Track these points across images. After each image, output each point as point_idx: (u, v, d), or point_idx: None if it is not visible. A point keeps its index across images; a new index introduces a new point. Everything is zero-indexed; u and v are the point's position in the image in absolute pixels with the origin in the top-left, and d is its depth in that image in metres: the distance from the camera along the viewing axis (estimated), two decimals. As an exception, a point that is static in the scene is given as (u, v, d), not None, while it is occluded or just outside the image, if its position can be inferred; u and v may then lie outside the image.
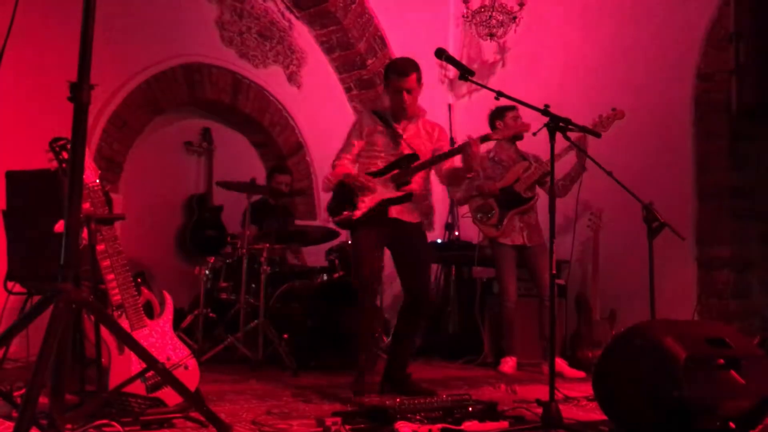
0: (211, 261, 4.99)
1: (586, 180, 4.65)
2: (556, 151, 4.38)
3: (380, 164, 3.67)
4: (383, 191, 3.61)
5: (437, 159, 3.64)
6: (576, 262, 5.46)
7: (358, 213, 3.59)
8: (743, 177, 5.00)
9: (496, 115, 4.87)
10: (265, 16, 6.10)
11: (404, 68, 3.65)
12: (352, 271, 3.77)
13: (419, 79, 3.67)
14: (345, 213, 3.62)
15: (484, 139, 3.61)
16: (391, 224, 3.62)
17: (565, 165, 4.68)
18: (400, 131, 3.69)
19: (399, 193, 3.62)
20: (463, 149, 3.50)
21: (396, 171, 3.63)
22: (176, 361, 2.77)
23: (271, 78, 6.10)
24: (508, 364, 4.72)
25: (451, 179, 3.81)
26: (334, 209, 3.72)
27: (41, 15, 4.72)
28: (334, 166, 3.74)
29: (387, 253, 3.83)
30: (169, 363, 2.71)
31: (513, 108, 4.80)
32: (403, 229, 3.66)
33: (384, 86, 3.80)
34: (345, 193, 3.66)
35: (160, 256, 5.63)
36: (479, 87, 3.62)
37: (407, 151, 3.65)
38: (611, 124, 4.40)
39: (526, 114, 4.80)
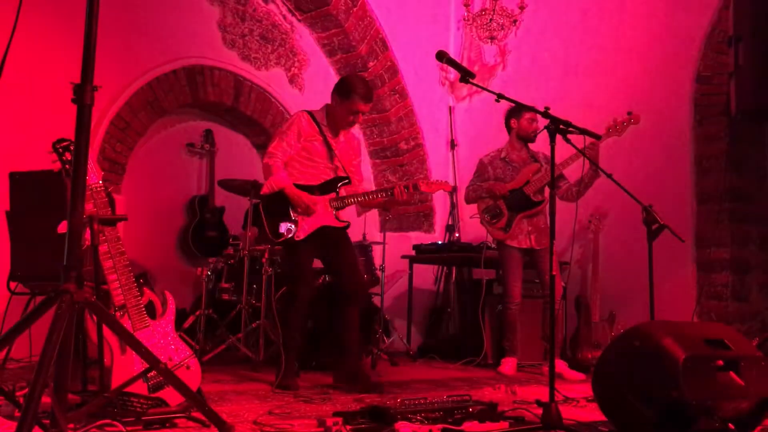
0: (213, 262, 5.00)
1: (600, 176, 4.62)
2: (566, 157, 4.41)
3: (316, 174, 3.76)
4: (323, 213, 3.73)
5: (370, 195, 3.82)
6: (576, 263, 5.48)
7: (301, 235, 3.68)
8: (742, 179, 5.01)
9: (513, 114, 4.84)
10: (266, 19, 6.13)
11: (371, 95, 3.80)
12: (294, 283, 3.84)
13: None
14: (287, 234, 3.68)
15: (415, 188, 3.79)
16: (322, 233, 3.76)
17: (577, 170, 4.67)
18: (334, 145, 3.81)
19: (340, 224, 3.80)
20: (392, 193, 3.72)
21: (333, 195, 3.76)
22: (178, 362, 2.78)
23: (272, 80, 6.12)
24: (509, 365, 4.73)
25: (364, 206, 4.12)
26: (274, 227, 3.71)
27: (45, 17, 4.74)
28: (269, 168, 3.70)
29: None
30: (171, 363, 2.72)
31: (531, 108, 4.79)
32: (328, 235, 3.78)
33: (336, 98, 3.80)
34: (283, 204, 3.69)
35: (162, 256, 5.64)
36: (480, 89, 3.64)
37: (341, 171, 3.80)
38: (626, 129, 4.38)
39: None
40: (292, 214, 3.69)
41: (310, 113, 3.84)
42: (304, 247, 3.72)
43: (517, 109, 4.78)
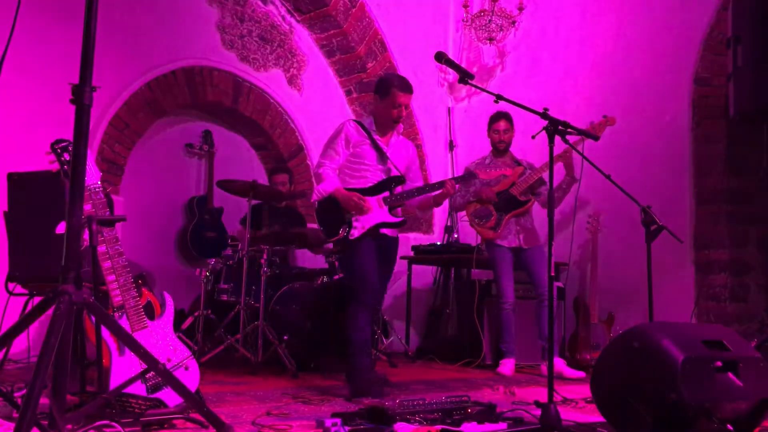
0: (212, 263, 5.00)
1: (584, 183, 4.67)
2: (542, 163, 4.49)
3: (369, 178, 3.73)
4: (378, 212, 3.68)
5: (423, 190, 3.77)
6: (574, 264, 5.48)
7: (355, 233, 3.61)
8: (741, 180, 5.01)
9: (488, 125, 5.04)
10: (265, 20, 6.13)
11: (408, 85, 3.77)
12: (354, 289, 3.68)
13: None
14: (342, 233, 3.62)
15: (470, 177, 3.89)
16: (380, 238, 3.72)
17: (556, 176, 4.71)
18: (385, 146, 3.79)
19: (396, 219, 3.73)
20: (444, 185, 3.71)
21: (387, 193, 3.72)
22: (176, 362, 2.78)
23: (271, 81, 6.12)
24: (507, 365, 4.73)
25: (421, 206, 3.98)
26: (329, 228, 3.67)
27: (43, 17, 4.74)
28: (319, 176, 3.72)
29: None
30: (169, 364, 2.73)
31: (498, 119, 4.95)
32: (387, 243, 3.77)
33: (377, 99, 3.80)
34: (336, 208, 3.66)
35: (160, 257, 5.64)
36: (479, 90, 3.65)
37: (394, 172, 3.77)
38: (603, 129, 4.51)
39: (525, 117, 4.84)
40: (345, 217, 3.64)
41: (357, 121, 3.87)
42: (362, 248, 3.63)
43: (490, 121, 5.00)
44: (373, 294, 3.64)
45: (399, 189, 3.81)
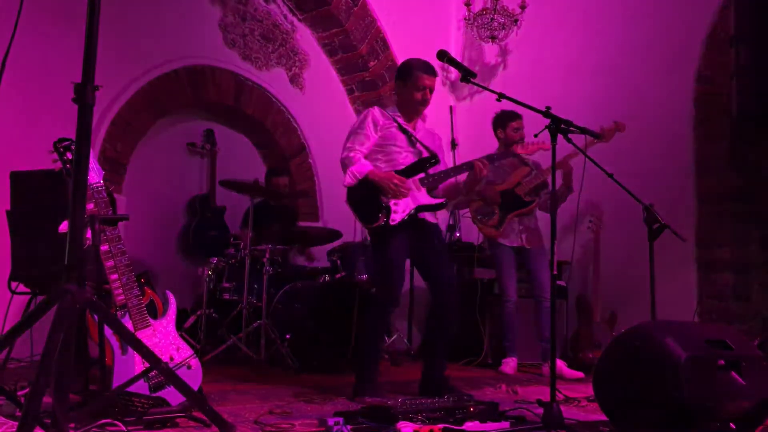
0: (214, 261, 5.00)
1: (587, 182, 4.65)
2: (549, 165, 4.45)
3: (400, 161, 3.54)
4: (416, 195, 3.49)
5: (459, 169, 3.57)
6: (577, 263, 5.47)
7: (396, 218, 3.39)
8: (743, 179, 5.00)
9: (498, 124, 4.92)
10: (267, 19, 6.13)
11: (430, 66, 3.61)
12: (376, 283, 3.51)
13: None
14: (381, 218, 3.39)
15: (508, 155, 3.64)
16: (419, 227, 3.53)
17: (577, 171, 4.70)
18: (411, 131, 3.63)
19: (436, 201, 3.54)
20: (472, 166, 3.50)
21: (422, 174, 3.53)
22: (179, 361, 2.78)
23: (273, 80, 6.12)
24: (509, 364, 4.73)
25: (448, 193, 3.73)
26: (367, 214, 3.42)
27: (46, 16, 4.74)
28: (349, 159, 3.47)
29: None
30: (172, 363, 2.73)
31: (515, 118, 4.84)
32: (430, 231, 3.57)
33: (400, 84, 3.65)
34: (371, 192, 3.42)
35: (163, 256, 5.65)
36: (481, 89, 3.64)
37: (425, 153, 3.58)
38: (612, 135, 4.48)
39: (527, 116, 4.84)
40: (382, 200, 3.41)
41: (380, 107, 3.71)
42: (397, 240, 3.43)
43: (502, 119, 4.88)
44: (394, 294, 3.45)
45: (431, 171, 3.60)
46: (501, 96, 3.12)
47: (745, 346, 2.66)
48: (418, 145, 3.60)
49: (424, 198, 3.52)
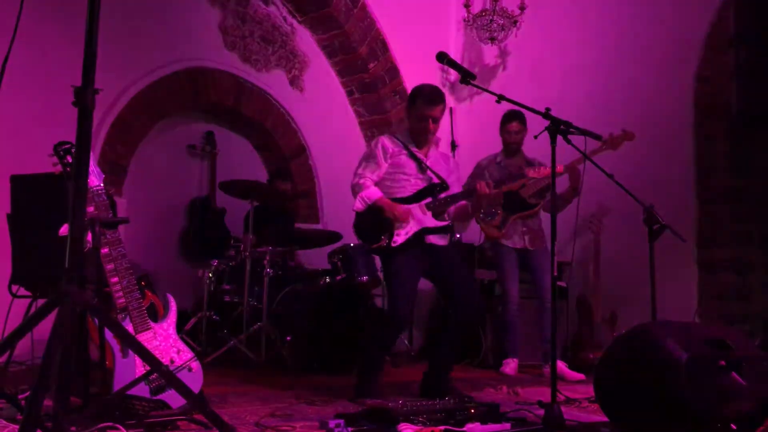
0: (215, 264, 5.00)
1: (587, 183, 4.66)
2: (564, 161, 4.43)
3: (408, 188, 3.61)
4: (422, 218, 3.56)
5: (464, 194, 3.64)
6: (577, 264, 5.47)
7: (398, 240, 3.48)
8: (744, 179, 5.00)
9: (501, 124, 4.94)
10: (267, 21, 6.13)
11: (434, 97, 3.63)
12: (386, 303, 3.62)
13: (443, 110, 3.68)
14: (383, 240, 3.48)
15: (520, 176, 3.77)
16: (428, 250, 3.57)
17: (560, 184, 4.69)
18: (423, 157, 3.68)
19: (441, 223, 3.59)
20: (475, 190, 3.57)
21: (429, 199, 3.60)
22: (180, 364, 2.78)
23: (273, 82, 6.12)
24: (510, 365, 4.73)
25: (458, 216, 3.82)
26: (370, 236, 3.54)
27: (46, 19, 4.74)
28: (360, 186, 3.57)
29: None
30: (172, 365, 2.73)
31: (511, 120, 4.87)
32: (438, 254, 3.61)
33: (407, 110, 3.73)
34: (379, 216, 3.52)
35: (163, 259, 5.65)
36: (481, 90, 3.64)
37: (435, 179, 3.64)
38: (620, 143, 4.41)
39: (528, 117, 4.85)
40: (386, 225, 3.51)
41: (390, 134, 3.80)
42: (403, 257, 3.50)
43: (503, 121, 4.91)
44: (400, 312, 3.48)
45: (442, 196, 3.67)
46: (500, 98, 3.12)
47: (746, 346, 2.66)
48: (428, 171, 3.64)
49: (429, 221, 3.58)
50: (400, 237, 3.49)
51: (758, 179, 5.02)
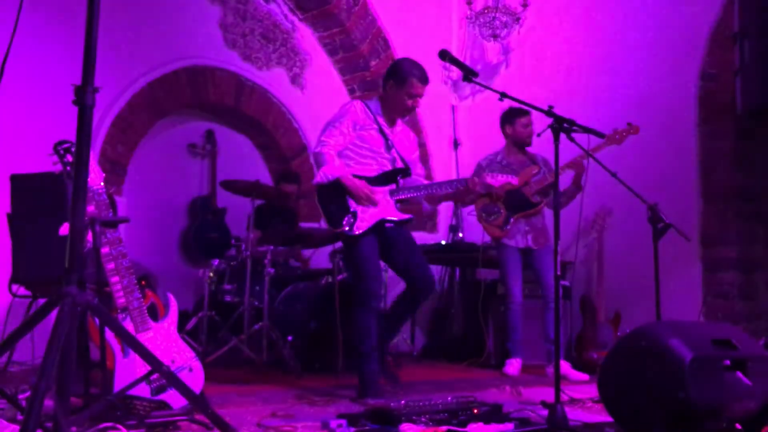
0: (215, 263, 4.99)
1: (590, 181, 4.65)
2: (567, 158, 4.41)
3: (373, 166, 3.57)
4: (385, 206, 3.55)
5: (435, 188, 3.65)
6: (581, 263, 5.46)
7: (361, 227, 3.46)
8: (749, 178, 4.98)
9: (506, 120, 4.85)
10: (268, 19, 6.11)
11: (426, 76, 3.59)
12: (354, 282, 3.59)
13: None
14: (345, 226, 3.45)
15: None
16: (384, 233, 3.59)
17: (563, 180, 4.67)
18: (390, 134, 3.64)
19: (402, 216, 3.60)
20: (462, 185, 3.60)
21: (393, 186, 3.59)
22: (181, 364, 2.77)
23: (274, 80, 6.11)
24: (513, 365, 4.71)
25: (430, 200, 3.86)
26: (332, 217, 3.48)
27: (45, 18, 4.73)
28: (321, 156, 3.48)
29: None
30: (173, 365, 2.72)
31: (525, 113, 4.78)
32: (394, 234, 3.62)
33: (391, 84, 3.60)
34: (340, 196, 3.48)
35: (164, 258, 5.64)
36: (483, 88, 3.61)
37: (399, 163, 3.61)
38: (625, 138, 4.39)
39: (532, 114, 4.83)
40: (350, 206, 3.47)
41: (364, 102, 3.67)
42: (365, 245, 3.48)
43: (511, 116, 4.81)
44: (376, 294, 3.52)
45: (402, 182, 3.67)
46: (503, 95, 3.10)
47: (751, 345, 2.65)
48: (393, 151, 3.61)
49: (391, 211, 3.57)
50: (363, 223, 3.45)
51: (763, 177, 5.00)
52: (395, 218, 3.57)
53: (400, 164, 3.62)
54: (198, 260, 5.75)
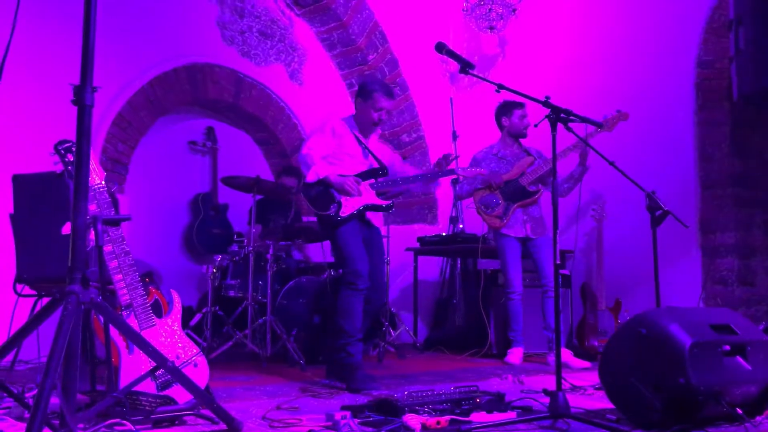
0: (218, 259, 5.01)
1: (589, 170, 4.67)
2: (560, 149, 4.44)
3: (352, 166, 3.83)
4: (367, 195, 3.82)
5: (411, 179, 3.97)
6: (580, 252, 5.48)
7: (347, 211, 3.73)
8: (746, 164, 4.99)
9: (503, 112, 4.88)
10: (265, 15, 6.12)
11: (392, 91, 3.96)
12: (340, 265, 3.81)
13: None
14: (332, 209, 3.73)
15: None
16: (364, 225, 3.84)
17: (568, 165, 4.70)
18: (367, 144, 3.93)
19: (383, 202, 3.86)
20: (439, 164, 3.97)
21: (372, 181, 3.86)
22: (185, 359, 2.79)
23: (273, 76, 6.12)
24: (515, 354, 4.73)
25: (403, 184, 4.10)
26: (319, 204, 3.77)
27: (44, 18, 4.74)
28: (310, 158, 3.76)
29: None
30: (178, 361, 2.74)
31: (521, 105, 4.80)
32: (371, 233, 3.87)
33: (359, 101, 3.91)
34: (326, 189, 3.77)
35: (167, 255, 5.66)
36: (480, 80, 3.63)
37: (375, 164, 3.90)
38: (615, 124, 4.45)
39: (527, 105, 4.84)
40: (335, 196, 3.75)
41: (341, 119, 3.99)
42: (349, 229, 3.75)
43: (507, 108, 4.86)
44: (364, 277, 3.66)
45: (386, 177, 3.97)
46: (500, 87, 3.11)
47: (750, 330, 2.66)
48: (370, 157, 3.92)
49: (373, 198, 3.85)
50: (348, 208, 3.73)
51: (760, 163, 5.01)
52: (377, 203, 3.84)
53: (377, 165, 3.91)
54: (201, 256, 5.78)
